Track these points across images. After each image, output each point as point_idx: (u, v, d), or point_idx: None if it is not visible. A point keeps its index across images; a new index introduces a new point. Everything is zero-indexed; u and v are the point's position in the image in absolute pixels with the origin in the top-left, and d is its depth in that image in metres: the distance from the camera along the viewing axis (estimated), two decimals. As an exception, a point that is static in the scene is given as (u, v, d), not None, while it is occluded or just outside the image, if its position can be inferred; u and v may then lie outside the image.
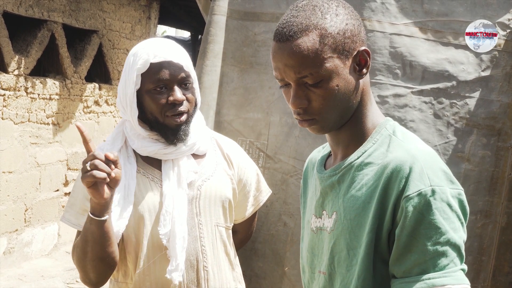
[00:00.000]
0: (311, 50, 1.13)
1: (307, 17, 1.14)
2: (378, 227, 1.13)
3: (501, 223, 2.06)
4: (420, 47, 2.11)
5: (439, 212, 1.08)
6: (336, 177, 1.24)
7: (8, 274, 4.94)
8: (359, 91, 1.20)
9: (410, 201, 1.08)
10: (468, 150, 2.08)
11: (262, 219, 2.23)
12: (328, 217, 1.25)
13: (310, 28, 1.14)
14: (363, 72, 1.19)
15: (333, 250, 1.22)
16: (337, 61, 1.15)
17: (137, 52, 1.70)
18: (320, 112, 1.18)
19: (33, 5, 5.08)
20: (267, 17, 2.26)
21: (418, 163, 1.10)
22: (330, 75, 1.15)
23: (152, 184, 1.74)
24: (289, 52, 1.15)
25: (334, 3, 1.18)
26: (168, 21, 9.96)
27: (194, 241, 1.73)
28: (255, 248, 2.25)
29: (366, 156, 1.19)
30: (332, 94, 1.16)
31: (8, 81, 4.84)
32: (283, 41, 1.15)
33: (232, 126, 2.29)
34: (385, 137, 1.20)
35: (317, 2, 1.17)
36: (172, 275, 1.66)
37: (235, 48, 2.30)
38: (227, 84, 2.30)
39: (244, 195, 1.89)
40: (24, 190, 5.18)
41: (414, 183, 1.09)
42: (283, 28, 1.16)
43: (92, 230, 1.56)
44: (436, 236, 1.07)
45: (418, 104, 2.10)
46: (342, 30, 1.15)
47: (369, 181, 1.16)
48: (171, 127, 1.70)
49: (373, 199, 1.14)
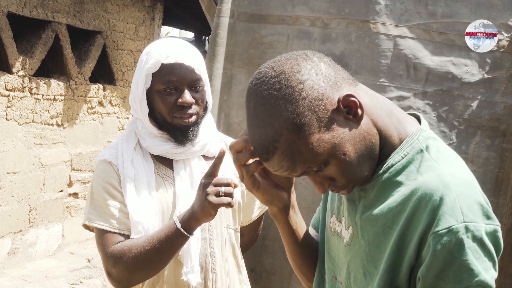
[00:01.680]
0: (293, 154, 1.02)
1: (267, 127, 1.02)
2: (399, 258, 1.03)
3: (507, 224, 2.06)
4: (424, 49, 2.11)
5: (471, 252, 0.97)
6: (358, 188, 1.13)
7: (12, 275, 4.95)
8: (370, 129, 1.07)
9: (439, 238, 0.97)
10: (472, 152, 2.08)
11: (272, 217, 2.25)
12: (345, 228, 1.17)
13: (277, 137, 1.02)
14: (358, 114, 1.04)
15: (349, 265, 1.15)
16: (324, 136, 1.02)
17: (150, 51, 1.70)
18: (349, 180, 1.08)
19: (38, 6, 5.10)
20: (273, 19, 2.27)
21: (451, 194, 0.99)
22: (328, 154, 1.03)
23: (166, 183, 1.73)
24: (277, 165, 1.05)
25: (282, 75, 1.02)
26: (172, 22, 9.97)
27: (203, 243, 1.72)
28: (266, 245, 2.28)
29: (394, 173, 1.07)
30: (346, 163, 1.04)
31: (12, 82, 4.85)
32: (267, 160, 1.06)
33: (241, 127, 2.31)
34: (417, 151, 1.07)
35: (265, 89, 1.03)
36: (189, 277, 1.64)
37: (242, 50, 2.31)
38: (236, 86, 2.32)
39: (251, 198, 1.89)
40: (28, 190, 5.19)
41: (445, 218, 0.98)
42: (255, 148, 1.07)
43: (176, 244, 1.58)
44: (467, 280, 0.97)
45: (422, 106, 2.10)
46: (306, 108, 1.01)
47: (394, 203, 1.05)
48: (179, 127, 1.69)
49: (395, 225, 1.04)
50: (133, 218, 1.65)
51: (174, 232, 1.57)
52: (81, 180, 5.92)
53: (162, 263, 1.61)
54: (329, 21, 2.20)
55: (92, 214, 1.68)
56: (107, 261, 1.63)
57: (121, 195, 1.68)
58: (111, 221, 1.65)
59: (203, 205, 1.52)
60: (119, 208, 1.67)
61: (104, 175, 1.70)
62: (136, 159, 1.71)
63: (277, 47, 2.25)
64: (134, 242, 1.62)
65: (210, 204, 1.50)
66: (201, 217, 1.54)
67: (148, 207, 1.66)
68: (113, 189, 1.68)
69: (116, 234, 1.65)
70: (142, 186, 1.67)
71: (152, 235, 1.61)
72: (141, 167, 1.70)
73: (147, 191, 1.67)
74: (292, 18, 2.25)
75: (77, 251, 5.75)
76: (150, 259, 1.59)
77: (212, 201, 1.50)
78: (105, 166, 1.72)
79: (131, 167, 1.69)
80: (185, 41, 1.77)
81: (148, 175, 1.70)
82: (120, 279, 1.63)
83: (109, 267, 1.63)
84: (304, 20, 2.23)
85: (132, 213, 1.65)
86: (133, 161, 1.71)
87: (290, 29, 2.24)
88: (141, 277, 1.64)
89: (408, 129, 1.11)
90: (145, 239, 1.61)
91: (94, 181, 1.71)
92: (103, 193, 1.68)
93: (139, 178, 1.68)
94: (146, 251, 1.59)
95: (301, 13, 2.23)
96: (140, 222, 1.64)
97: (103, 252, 1.65)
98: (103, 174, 1.71)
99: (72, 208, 5.85)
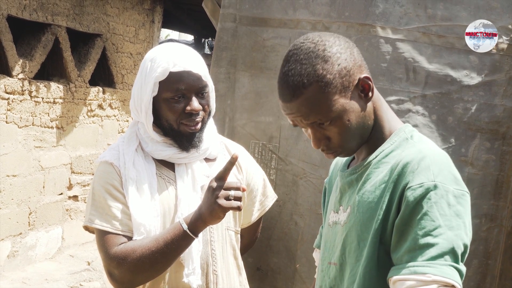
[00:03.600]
0: (312, 103, 1.21)
1: (301, 74, 1.21)
2: (385, 218, 1.19)
3: (507, 227, 2.06)
4: (423, 52, 2.11)
5: (436, 207, 1.12)
6: (355, 175, 1.31)
7: (12, 278, 4.95)
8: (371, 112, 1.28)
9: (411, 191, 1.14)
10: (472, 155, 2.09)
11: (276, 218, 2.28)
12: (343, 211, 1.32)
13: (306, 84, 1.21)
14: (369, 96, 1.26)
15: (345, 241, 1.27)
16: (341, 100, 1.23)
17: (155, 58, 1.69)
18: (341, 145, 1.27)
19: (37, 9, 5.10)
20: (275, 22, 2.29)
21: (427, 159, 1.16)
22: (338, 115, 1.23)
23: (168, 185, 1.73)
24: (294, 109, 1.24)
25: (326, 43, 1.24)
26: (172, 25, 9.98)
27: (205, 245, 1.73)
28: (271, 244, 2.30)
29: (383, 156, 1.27)
30: (346, 129, 1.24)
31: (12, 85, 4.86)
32: (288, 101, 1.24)
33: (245, 130, 2.33)
34: (403, 139, 1.28)
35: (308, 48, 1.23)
36: (190, 279, 1.65)
37: (245, 54, 2.33)
38: (239, 89, 2.34)
39: (251, 200, 1.90)
40: (28, 193, 5.19)
41: (419, 176, 1.15)
42: (283, 89, 1.24)
43: (182, 246, 1.59)
44: (428, 228, 1.11)
45: (421, 109, 2.11)
46: (337, 72, 1.22)
47: (384, 177, 1.22)
48: (185, 134, 1.70)
49: (384, 193, 1.20)
50: (136, 220, 1.64)
51: (180, 234, 1.58)
52: (81, 183, 5.92)
53: (166, 265, 1.62)
54: (330, 25, 2.20)
55: (94, 215, 1.67)
56: (110, 263, 1.63)
57: (123, 197, 1.68)
58: (113, 223, 1.65)
59: (212, 208, 1.53)
60: (121, 209, 1.66)
61: (106, 176, 1.70)
62: (138, 160, 1.71)
63: (279, 50, 2.27)
64: (138, 243, 1.62)
65: (220, 207, 1.52)
66: (209, 220, 1.56)
67: (150, 208, 1.67)
68: (115, 191, 1.68)
69: (118, 236, 1.65)
70: (144, 188, 1.67)
71: (157, 236, 1.61)
72: (143, 169, 1.70)
73: (149, 193, 1.68)
74: (293, 22, 2.26)
75: (77, 253, 5.74)
76: (155, 261, 1.59)
77: (222, 204, 1.52)
78: (106, 167, 1.72)
79: (133, 169, 1.69)
80: (188, 47, 1.77)
81: (149, 176, 1.70)
82: (123, 280, 1.63)
83: (112, 268, 1.63)
84: (305, 23, 2.24)
85: (135, 215, 1.65)
86: (134, 162, 1.71)
87: (291, 33, 2.25)
88: (144, 278, 1.64)
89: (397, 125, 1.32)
90: (150, 240, 1.61)
91: (96, 182, 1.71)
92: (105, 194, 1.67)
93: (140, 180, 1.68)
94: (151, 253, 1.59)
95: (302, 17, 2.24)
96: (142, 224, 1.64)
97: (105, 253, 1.64)
98: (104, 175, 1.70)
99: (72, 211, 5.85)
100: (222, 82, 2.34)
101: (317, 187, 2.22)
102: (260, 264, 2.30)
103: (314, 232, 2.22)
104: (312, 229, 2.22)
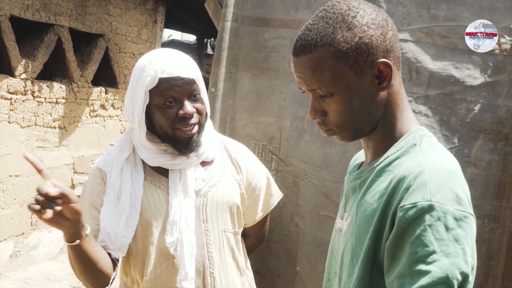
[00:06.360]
0: (317, 66, 1.13)
1: (319, 32, 1.13)
2: (379, 236, 1.08)
3: (510, 228, 2.06)
4: (426, 53, 2.10)
5: (431, 231, 0.99)
6: (359, 180, 1.22)
7: (14, 278, 4.96)
8: (381, 104, 1.16)
9: (403, 212, 1.02)
10: (475, 155, 2.08)
11: (276, 220, 2.27)
12: (346, 220, 1.24)
13: (319, 44, 1.12)
14: (383, 84, 1.14)
15: (343, 253, 1.19)
16: (349, 76, 1.12)
17: (145, 66, 1.69)
18: (336, 124, 1.18)
19: (40, 9, 5.11)
20: (276, 23, 2.29)
21: (424, 174, 1.04)
22: (341, 90, 1.13)
23: (159, 191, 1.74)
24: (300, 66, 1.15)
25: (361, 11, 1.13)
26: (174, 25, 9.99)
27: (201, 248, 1.73)
28: (270, 247, 2.29)
29: (387, 163, 1.15)
30: (345, 108, 1.14)
31: (15, 85, 4.86)
32: (296, 55, 1.16)
33: (245, 130, 2.33)
34: (410, 145, 1.15)
35: (340, 9, 1.14)
36: (182, 284, 1.66)
37: (246, 54, 2.33)
38: (240, 89, 2.34)
39: (254, 199, 1.89)
40: (30, 193, 5.20)
41: (413, 194, 1.02)
42: (297, 42, 1.16)
43: (69, 253, 1.60)
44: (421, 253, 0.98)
45: (424, 110, 2.10)
46: (355, 44, 1.11)
47: (382, 188, 1.12)
48: (181, 140, 1.70)
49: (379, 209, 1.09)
50: (102, 228, 1.68)
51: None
52: (83, 183, 5.92)
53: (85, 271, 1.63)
54: (332, 25, 2.20)
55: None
56: None
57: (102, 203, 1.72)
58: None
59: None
60: (94, 215, 1.71)
61: (93, 180, 1.76)
62: (126, 170, 1.74)
63: (280, 50, 2.26)
64: None
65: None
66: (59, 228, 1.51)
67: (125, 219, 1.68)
68: (96, 196, 1.73)
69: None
70: (122, 198, 1.69)
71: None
72: (128, 179, 1.72)
73: (127, 203, 1.69)
74: (295, 22, 2.26)
75: (79, 254, 5.74)
76: (72, 266, 1.65)
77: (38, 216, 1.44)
78: (96, 172, 1.77)
79: (118, 178, 1.72)
80: (178, 51, 1.77)
81: (135, 187, 1.72)
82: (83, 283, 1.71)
83: None
84: (307, 24, 2.24)
85: (102, 222, 1.68)
86: (122, 171, 1.73)
87: (293, 33, 2.25)
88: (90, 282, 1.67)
89: (410, 127, 1.19)
90: None
91: (86, 184, 1.78)
92: (88, 197, 1.74)
93: (122, 190, 1.71)
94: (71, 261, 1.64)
95: (304, 17, 2.23)
96: (107, 233, 1.67)
97: None
98: (91, 179, 1.77)
99: (74, 211, 5.85)
100: (222, 82, 2.33)
101: (319, 188, 2.21)
102: (259, 267, 2.29)
103: (315, 234, 2.21)
104: (313, 231, 2.21)
